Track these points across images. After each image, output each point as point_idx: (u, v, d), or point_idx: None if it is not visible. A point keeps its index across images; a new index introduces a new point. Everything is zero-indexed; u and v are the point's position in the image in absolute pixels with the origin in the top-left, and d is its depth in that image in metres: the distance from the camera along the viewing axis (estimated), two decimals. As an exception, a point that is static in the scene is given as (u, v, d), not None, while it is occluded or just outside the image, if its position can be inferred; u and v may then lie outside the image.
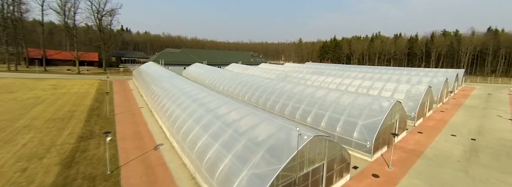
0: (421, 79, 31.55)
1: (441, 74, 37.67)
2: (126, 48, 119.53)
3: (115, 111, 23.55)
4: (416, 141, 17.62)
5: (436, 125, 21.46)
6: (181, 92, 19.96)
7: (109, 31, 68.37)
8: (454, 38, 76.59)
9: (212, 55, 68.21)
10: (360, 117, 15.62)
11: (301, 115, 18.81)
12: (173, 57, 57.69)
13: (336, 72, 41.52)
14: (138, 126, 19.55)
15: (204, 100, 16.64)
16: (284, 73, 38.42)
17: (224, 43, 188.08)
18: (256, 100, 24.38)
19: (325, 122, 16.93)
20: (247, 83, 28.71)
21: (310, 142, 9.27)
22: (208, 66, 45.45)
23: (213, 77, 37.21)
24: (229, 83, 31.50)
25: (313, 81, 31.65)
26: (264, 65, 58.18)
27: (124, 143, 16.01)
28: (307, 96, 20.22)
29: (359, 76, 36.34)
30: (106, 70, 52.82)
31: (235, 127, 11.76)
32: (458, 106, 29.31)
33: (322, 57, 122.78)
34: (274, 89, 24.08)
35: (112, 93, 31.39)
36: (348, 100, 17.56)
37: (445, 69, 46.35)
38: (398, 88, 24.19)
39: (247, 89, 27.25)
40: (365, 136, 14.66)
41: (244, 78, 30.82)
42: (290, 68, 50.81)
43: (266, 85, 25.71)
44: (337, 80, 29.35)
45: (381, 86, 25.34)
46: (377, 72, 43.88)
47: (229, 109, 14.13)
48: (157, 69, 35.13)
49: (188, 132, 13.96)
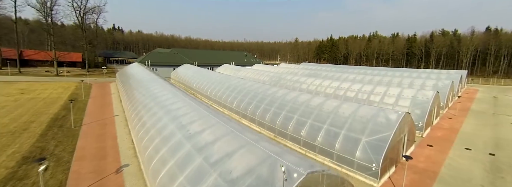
0: (425, 83, 29.26)
1: (445, 77, 35.50)
2: (116, 48, 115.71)
3: (83, 120, 20.67)
4: (427, 157, 15.18)
5: (446, 136, 19.10)
6: (155, 101, 17.21)
7: (95, 30, 65.01)
8: (453, 38, 74.91)
9: (204, 55, 65.27)
10: (363, 132, 13.09)
11: (294, 127, 16.24)
12: (161, 57, 54.67)
13: (333, 74, 39.05)
14: (105, 140, 16.75)
15: (178, 112, 13.92)
16: (278, 75, 35.84)
17: (219, 43, 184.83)
18: (245, 107, 21.75)
19: (322, 136, 14.38)
20: (236, 87, 26.05)
21: (303, 182, 6.67)
22: (197, 68, 42.62)
23: (200, 80, 34.44)
24: (217, 88, 28.79)
25: (309, 85, 29.11)
26: (258, 66, 55.57)
27: (80, 165, 13.21)
28: (302, 104, 17.64)
29: (358, 79, 33.95)
30: (89, 72, 49.63)
31: (206, 153, 9.10)
32: (466, 111, 27.08)
33: (319, 57, 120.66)
34: (265, 95, 21.46)
35: (88, 98, 28.42)
36: (348, 110, 15.02)
37: (446, 71, 44.37)
38: (402, 94, 21.78)
39: (235, 94, 24.59)
40: (370, 156, 12.13)
41: (233, 82, 28.13)
42: (285, 70, 48.25)
43: (256, 91, 23.08)
44: (335, 84, 26.85)
45: (383, 91, 22.91)
46: (376, 74, 41.64)
47: (204, 125, 11.45)
48: (139, 72, 32.21)
49: (154, 154, 11.27)
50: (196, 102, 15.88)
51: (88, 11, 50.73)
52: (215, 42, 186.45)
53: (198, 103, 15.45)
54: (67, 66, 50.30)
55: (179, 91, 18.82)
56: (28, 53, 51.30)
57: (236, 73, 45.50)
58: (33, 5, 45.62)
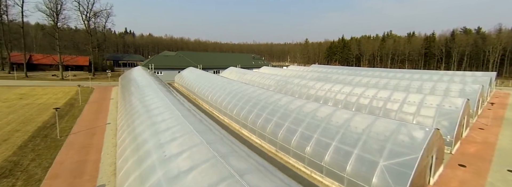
0: (449, 87, 26.00)
1: (471, 80, 31.82)
2: (127, 51, 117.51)
3: (73, 129, 19.38)
4: (461, 183, 12.44)
5: (481, 152, 16.12)
6: (141, 111, 15.52)
7: (104, 33, 65.49)
8: (477, 36, 69.11)
9: (210, 58, 63.98)
10: (381, 154, 10.66)
11: (298, 142, 13.99)
12: (166, 61, 53.82)
13: (344, 78, 36.22)
14: (89, 153, 15.22)
15: (160, 126, 12.07)
16: (285, 79, 33.56)
17: (228, 45, 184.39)
18: (245, 116, 19.71)
19: (330, 156, 12.05)
20: (237, 93, 24.09)
21: None
22: (200, 71, 41.11)
23: (202, 84, 32.83)
24: (218, 93, 26.97)
25: (317, 90, 26.63)
26: (265, 69, 53.46)
27: (51, 184, 11.62)
28: (307, 115, 15.36)
29: (372, 83, 30.98)
30: (95, 75, 49.50)
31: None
32: (499, 120, 23.65)
33: (330, 58, 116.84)
34: (267, 103, 19.32)
35: (85, 104, 27.42)
36: (362, 124, 12.60)
37: (472, 73, 40.30)
38: (425, 101, 18.92)
39: (236, 101, 22.62)
40: (390, 185, 9.70)
41: (235, 87, 26.21)
42: (293, 73, 45.81)
43: (258, 97, 20.99)
44: (346, 90, 24.24)
45: (402, 98, 20.11)
46: (392, 77, 38.44)
47: (184, 146, 9.49)
48: (138, 76, 31.03)
49: (126, 177, 9.44)
50: (185, 112, 14.00)
51: (94, 15, 50.83)
52: (224, 44, 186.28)
53: (187, 114, 13.55)
54: (74, 70, 50.49)
55: (171, 99, 17.05)
56: (37, 57, 52.09)
57: (241, 76, 43.68)
58: (43, 10, 46.12)
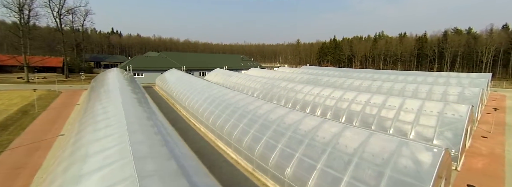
0: (447, 91, 24.06)
1: (468, 82, 30.14)
2: (112, 52, 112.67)
3: (13, 142, 16.19)
4: (474, 212, 10.14)
5: (490, 168, 13.95)
6: (86, 123, 12.60)
7: (82, 33, 61.67)
8: (468, 37, 68.53)
9: (196, 59, 60.97)
10: (379, 182, 8.18)
11: (277, 162, 11.43)
12: (147, 62, 50.55)
13: (335, 80, 33.94)
14: (18, 177, 12.19)
15: (93, 147, 9.23)
16: (272, 82, 31.04)
17: (219, 46, 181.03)
18: (221, 126, 17.04)
19: (314, 181, 9.52)
20: (215, 99, 21.40)
21: None
22: (181, 73, 38.14)
23: (181, 88, 29.96)
24: (196, 98, 24.21)
25: (305, 95, 24.20)
26: (254, 71, 50.88)
27: None
28: (289, 127, 12.81)
29: (365, 86, 28.82)
30: (69, 78, 45.72)
31: None
32: (502, 126, 21.80)
33: (321, 59, 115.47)
34: (245, 111, 16.70)
35: (43, 110, 24.08)
36: (353, 141, 10.12)
37: (466, 74, 38.96)
38: (424, 108, 16.71)
39: (213, 108, 19.90)
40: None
41: (213, 91, 23.51)
42: (282, 75, 43.34)
43: (236, 104, 18.35)
44: (337, 94, 21.88)
45: (398, 104, 17.86)
46: (385, 79, 36.56)
47: (106, 182, 6.71)
48: (110, 78, 27.84)
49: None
50: (135, 127, 11.16)
51: (68, 12, 47.04)
52: (215, 45, 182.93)
53: (136, 130, 10.73)
54: (45, 72, 46.49)
55: (127, 108, 14.13)
56: (2, 58, 47.77)
57: (227, 79, 40.98)
58: (8, 6, 41.99)
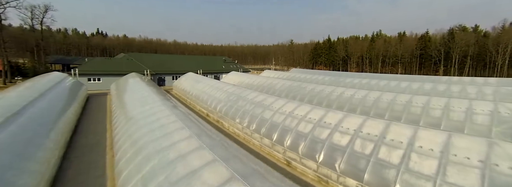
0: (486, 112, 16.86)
1: (507, 91, 22.72)
2: (91, 54, 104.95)
3: None
4: None
5: None
6: None
7: (41, 31, 54.51)
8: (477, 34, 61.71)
9: (168, 61, 53.69)
10: None
11: None
12: (105, 65, 43.43)
13: (321, 89, 26.15)
14: None
15: None
16: (239, 93, 23.91)
17: (209, 47, 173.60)
18: (121, 168, 9.80)
19: None
20: (136, 122, 14.29)
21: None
22: (132, 79, 30.93)
23: (127, 97, 22.94)
24: (121, 118, 17.03)
25: (275, 113, 16.97)
26: (233, 75, 43.75)
27: None
28: None
29: (358, 99, 21.44)
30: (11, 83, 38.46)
31: None
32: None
33: (315, 61, 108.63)
34: (154, 150, 9.49)
35: None
36: None
37: (496, 79, 31.75)
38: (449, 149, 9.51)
39: (126, 138, 12.69)
40: None
41: (139, 109, 16.34)
42: (262, 81, 35.97)
43: (147, 137, 11.12)
44: (316, 115, 14.54)
45: (409, 135, 10.65)
46: (384, 87, 29.37)
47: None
48: (34, 85, 20.77)
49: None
50: None
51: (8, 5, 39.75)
52: (206, 46, 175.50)
53: None
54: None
55: None
56: None
57: (194, 85, 33.96)
58: None
